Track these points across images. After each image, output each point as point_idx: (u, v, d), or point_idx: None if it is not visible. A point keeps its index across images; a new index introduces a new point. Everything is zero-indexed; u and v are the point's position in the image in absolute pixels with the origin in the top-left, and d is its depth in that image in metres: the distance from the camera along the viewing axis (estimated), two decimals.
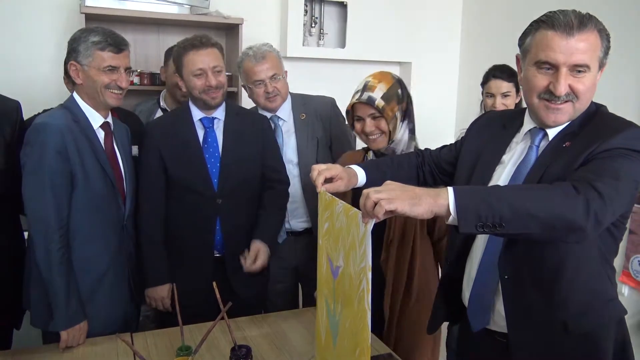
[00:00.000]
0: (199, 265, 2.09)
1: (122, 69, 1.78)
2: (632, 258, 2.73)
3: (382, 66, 3.79)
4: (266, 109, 2.38)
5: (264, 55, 2.29)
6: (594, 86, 1.27)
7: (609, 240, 1.31)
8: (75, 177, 1.71)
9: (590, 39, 1.22)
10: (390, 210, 1.05)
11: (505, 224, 1.03)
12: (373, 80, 1.82)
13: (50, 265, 1.65)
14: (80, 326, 1.70)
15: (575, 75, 1.24)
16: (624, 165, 1.16)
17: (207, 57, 1.99)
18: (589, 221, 1.06)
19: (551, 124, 1.31)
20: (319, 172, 1.41)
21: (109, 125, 1.86)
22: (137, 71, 2.83)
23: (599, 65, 1.27)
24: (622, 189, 1.13)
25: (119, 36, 1.79)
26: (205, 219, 2.06)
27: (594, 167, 1.17)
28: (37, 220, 1.66)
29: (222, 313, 1.54)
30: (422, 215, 1.06)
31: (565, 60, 1.22)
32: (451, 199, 1.05)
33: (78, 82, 1.77)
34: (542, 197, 1.08)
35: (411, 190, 1.08)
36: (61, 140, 1.67)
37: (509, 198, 1.06)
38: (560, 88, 1.23)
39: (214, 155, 2.07)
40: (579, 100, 1.26)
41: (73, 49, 1.75)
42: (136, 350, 1.40)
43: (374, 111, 1.80)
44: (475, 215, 1.04)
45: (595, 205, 1.06)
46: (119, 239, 1.87)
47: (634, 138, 1.20)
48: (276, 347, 1.72)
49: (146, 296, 2.07)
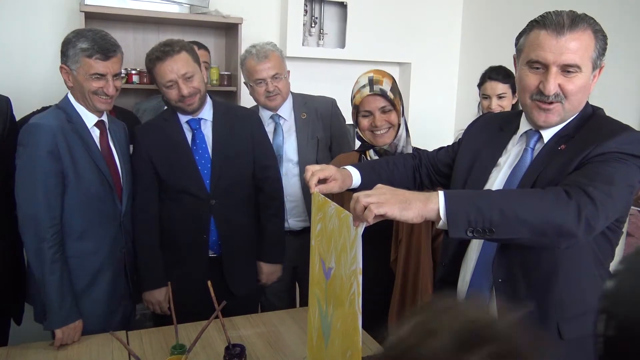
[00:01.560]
0: (194, 266, 2.09)
1: (110, 76, 1.77)
2: None
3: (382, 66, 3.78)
4: (266, 107, 2.39)
5: (267, 55, 2.30)
6: (586, 87, 1.26)
7: (605, 245, 1.30)
8: (68, 176, 1.72)
9: (582, 38, 1.21)
10: (380, 215, 1.05)
11: (496, 229, 1.03)
12: (377, 75, 1.81)
13: (42, 264, 1.66)
14: (75, 324, 1.71)
15: (566, 75, 1.23)
16: (618, 170, 1.15)
17: (175, 66, 1.92)
18: (580, 227, 1.05)
19: (542, 124, 1.31)
20: (313, 172, 1.41)
21: (103, 123, 1.87)
22: (137, 70, 2.84)
23: (593, 66, 1.25)
24: (616, 194, 1.12)
25: (109, 41, 1.77)
26: (199, 220, 2.07)
27: (587, 172, 1.16)
28: (28, 219, 1.67)
29: (216, 312, 1.55)
30: (412, 220, 1.06)
31: (555, 60, 1.22)
32: (441, 203, 1.05)
33: (69, 85, 1.79)
34: (533, 202, 1.08)
35: (401, 195, 1.08)
36: (52, 141, 1.68)
37: (499, 203, 1.06)
38: (549, 87, 1.23)
39: (204, 156, 2.06)
40: (568, 100, 1.25)
41: (63, 52, 1.76)
42: (130, 349, 1.41)
43: (385, 103, 1.79)
44: (465, 220, 1.04)
45: (587, 211, 1.06)
46: (116, 236, 1.88)
47: (629, 142, 1.19)
48: (271, 347, 1.73)
49: (144, 300, 2.07)
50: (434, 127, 3.65)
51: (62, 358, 1.64)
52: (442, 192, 1.07)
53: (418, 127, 3.78)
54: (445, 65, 3.76)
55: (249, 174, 2.16)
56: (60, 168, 1.71)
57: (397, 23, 3.51)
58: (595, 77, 1.29)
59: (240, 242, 2.13)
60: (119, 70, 1.81)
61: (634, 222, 2.69)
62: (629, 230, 2.70)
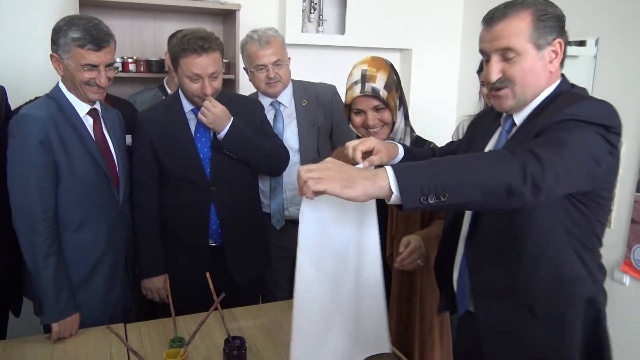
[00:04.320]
0: (194, 255, 2.07)
1: (102, 67, 1.72)
2: (634, 248, 2.70)
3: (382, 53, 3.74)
4: (266, 94, 2.36)
5: (269, 41, 2.26)
6: (533, 69, 1.25)
7: (580, 219, 1.25)
8: (60, 167, 1.68)
9: (514, 23, 1.24)
10: (319, 191, 1.04)
11: (448, 193, 1.02)
12: (371, 69, 1.72)
13: (36, 258, 1.63)
14: (72, 318, 1.68)
15: (507, 61, 1.26)
16: (572, 134, 1.12)
17: (206, 62, 1.89)
18: (527, 185, 1.03)
19: (500, 110, 1.35)
20: (354, 147, 1.38)
21: (96, 111, 1.83)
22: (134, 58, 2.79)
23: (537, 47, 1.24)
24: (569, 157, 1.08)
25: (102, 30, 1.71)
26: (200, 207, 2.05)
27: (540, 139, 1.15)
28: (20, 212, 1.64)
29: (215, 304, 1.52)
30: (357, 199, 1.05)
31: (490, 48, 1.27)
32: (391, 178, 1.04)
33: (59, 74, 1.74)
34: (479, 163, 1.08)
35: (347, 172, 1.06)
36: (43, 131, 1.65)
37: (448, 168, 1.07)
38: (488, 75, 1.28)
39: (206, 144, 2.04)
40: (517, 84, 1.26)
41: (54, 40, 1.71)
42: (127, 344, 1.38)
43: (378, 103, 1.71)
44: (418, 189, 1.02)
45: (531, 169, 1.04)
46: (114, 226, 1.85)
47: (586, 109, 1.16)
48: (271, 338, 1.70)
49: (142, 287, 2.06)
50: (435, 114, 3.61)
51: (60, 352, 1.61)
52: (389, 167, 1.06)
53: (419, 114, 3.74)
54: (447, 52, 3.71)
55: None
56: (52, 159, 1.67)
57: (397, 9, 3.46)
58: (556, 55, 1.27)
59: (242, 230, 2.10)
60: (112, 60, 1.76)
61: (639, 208, 2.66)
62: (633, 217, 2.67)
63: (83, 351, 1.61)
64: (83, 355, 1.59)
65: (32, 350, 1.61)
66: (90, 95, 1.74)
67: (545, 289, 1.28)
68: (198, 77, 1.92)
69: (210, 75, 1.92)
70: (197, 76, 1.91)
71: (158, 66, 2.87)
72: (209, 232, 2.07)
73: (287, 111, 2.39)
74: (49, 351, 1.61)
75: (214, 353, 1.61)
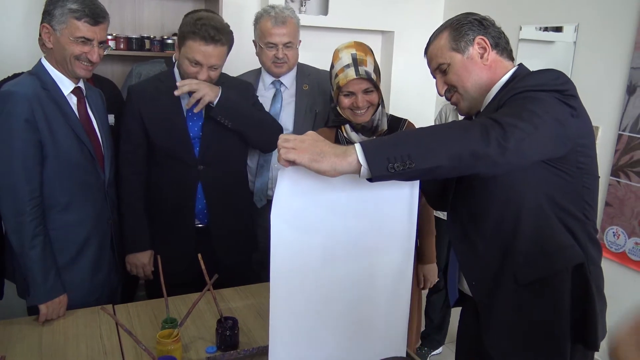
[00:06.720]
0: (180, 234, 2.06)
1: (96, 42, 1.69)
2: (606, 229, 2.80)
3: (365, 35, 3.74)
4: (270, 72, 2.33)
5: (285, 21, 2.24)
6: (466, 68, 1.36)
7: (563, 186, 1.27)
8: (46, 146, 1.65)
9: (436, 43, 1.41)
10: (289, 160, 1.09)
11: (414, 160, 1.06)
12: (360, 54, 1.81)
13: (23, 238, 1.60)
14: (60, 299, 1.66)
15: (446, 74, 1.40)
16: (530, 101, 1.17)
17: (210, 53, 1.87)
18: (492, 146, 1.07)
19: (463, 115, 1.46)
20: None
21: (80, 90, 1.79)
22: (113, 35, 2.72)
23: (459, 51, 1.36)
24: (531, 119, 1.12)
25: (99, 6, 1.70)
26: (187, 186, 2.03)
27: (499, 111, 1.20)
28: (6, 191, 1.60)
29: (208, 285, 1.53)
30: (325, 173, 1.09)
31: (431, 69, 1.46)
32: (359, 152, 1.09)
33: (48, 46, 1.69)
34: (441, 131, 1.15)
35: (320, 147, 1.10)
36: (29, 109, 1.60)
37: (413, 137, 1.12)
38: (439, 91, 1.44)
39: (198, 123, 2.02)
40: (458, 87, 1.38)
41: (48, 11, 1.66)
42: (122, 325, 1.38)
43: (369, 86, 1.80)
44: (385, 158, 1.07)
45: (493, 132, 1.08)
46: (100, 207, 1.83)
47: (536, 78, 1.23)
48: (261, 318, 1.72)
49: (127, 263, 2.03)
50: (416, 97, 3.64)
51: (48, 333, 1.59)
52: (358, 143, 1.10)
53: (400, 97, 3.77)
54: (429, 35, 3.69)
55: (240, 145, 2.11)
56: (37, 137, 1.63)
57: None
58: (485, 49, 1.36)
59: (229, 211, 2.10)
60: (105, 38, 1.73)
61: (612, 192, 2.75)
62: (607, 200, 2.76)
63: (72, 333, 1.60)
64: (72, 336, 1.58)
65: (20, 332, 1.59)
66: (78, 71, 1.70)
67: (528, 257, 1.30)
68: (198, 64, 1.89)
69: (211, 67, 1.91)
70: (198, 63, 1.89)
71: (138, 44, 2.81)
72: (194, 212, 2.06)
73: (287, 92, 2.37)
74: (37, 333, 1.59)
75: (205, 333, 1.62)
